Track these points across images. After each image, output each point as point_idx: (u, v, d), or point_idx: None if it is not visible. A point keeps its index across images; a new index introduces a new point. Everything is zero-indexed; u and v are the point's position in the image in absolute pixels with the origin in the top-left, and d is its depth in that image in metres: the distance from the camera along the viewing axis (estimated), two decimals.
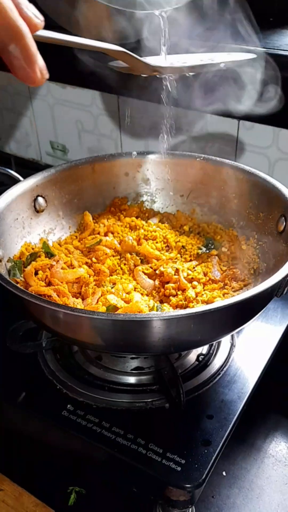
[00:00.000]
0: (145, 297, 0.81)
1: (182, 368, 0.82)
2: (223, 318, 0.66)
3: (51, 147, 1.43)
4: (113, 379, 0.80)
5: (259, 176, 0.87)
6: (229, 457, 0.87)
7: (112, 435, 0.71)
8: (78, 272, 0.82)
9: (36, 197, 0.90)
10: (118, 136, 1.26)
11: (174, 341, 0.65)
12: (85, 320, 0.64)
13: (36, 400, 0.77)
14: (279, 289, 0.70)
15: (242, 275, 0.85)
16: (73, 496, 0.81)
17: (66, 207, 0.96)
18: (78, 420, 0.73)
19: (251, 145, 1.04)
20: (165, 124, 0.91)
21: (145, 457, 0.68)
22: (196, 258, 0.89)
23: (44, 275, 0.81)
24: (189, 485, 0.65)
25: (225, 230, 0.93)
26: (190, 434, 0.71)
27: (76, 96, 1.28)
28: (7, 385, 0.80)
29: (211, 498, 0.82)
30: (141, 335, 0.64)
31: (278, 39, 1.00)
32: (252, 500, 0.81)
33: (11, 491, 0.82)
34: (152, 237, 0.91)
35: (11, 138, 1.54)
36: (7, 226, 0.84)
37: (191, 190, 0.98)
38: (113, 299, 0.76)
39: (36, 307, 0.66)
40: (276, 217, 0.82)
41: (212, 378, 0.80)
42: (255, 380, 0.79)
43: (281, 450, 0.89)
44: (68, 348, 0.86)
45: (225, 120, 1.05)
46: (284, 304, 0.93)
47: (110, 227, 0.93)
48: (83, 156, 0.99)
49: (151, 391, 0.78)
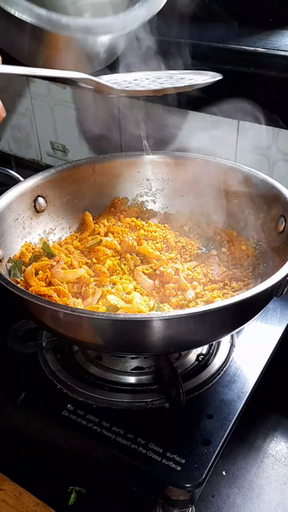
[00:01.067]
0: (145, 297, 0.81)
1: (182, 368, 0.82)
2: (222, 318, 0.66)
3: (51, 147, 1.44)
4: (113, 379, 0.80)
5: (259, 177, 0.87)
6: (229, 456, 0.87)
7: (112, 434, 0.71)
8: (78, 272, 0.82)
9: (37, 197, 0.90)
10: (118, 136, 1.26)
11: (174, 341, 0.65)
12: (85, 320, 0.64)
13: (36, 400, 0.77)
14: (279, 289, 0.70)
15: (241, 275, 0.85)
16: (73, 496, 0.81)
17: (67, 208, 0.96)
18: (78, 420, 0.73)
19: (251, 145, 1.04)
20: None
21: (145, 456, 0.68)
22: (196, 258, 0.89)
23: (44, 275, 0.81)
24: (189, 485, 0.65)
25: (225, 231, 0.93)
26: (190, 434, 0.71)
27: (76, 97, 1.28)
28: (7, 385, 0.80)
29: (211, 498, 0.82)
30: (141, 335, 0.65)
31: (278, 39, 1.00)
32: (252, 499, 0.81)
33: (11, 490, 0.82)
34: (152, 237, 0.91)
35: (12, 138, 1.54)
36: (8, 226, 0.84)
37: (191, 190, 0.98)
38: (113, 300, 0.76)
39: (36, 307, 0.66)
40: (276, 217, 0.83)
41: (212, 378, 0.80)
42: (255, 380, 0.80)
43: (281, 450, 0.89)
44: (69, 348, 0.86)
45: (225, 120, 1.05)
46: (283, 304, 0.94)
47: (110, 228, 0.93)
48: (83, 157, 0.99)
49: (151, 391, 0.78)
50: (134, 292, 0.81)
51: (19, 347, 0.83)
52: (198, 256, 0.89)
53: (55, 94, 1.32)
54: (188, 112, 1.10)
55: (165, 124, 1.14)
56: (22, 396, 0.78)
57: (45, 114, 1.39)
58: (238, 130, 1.05)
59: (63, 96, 1.31)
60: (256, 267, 0.86)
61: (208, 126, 1.08)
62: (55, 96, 1.33)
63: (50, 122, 1.39)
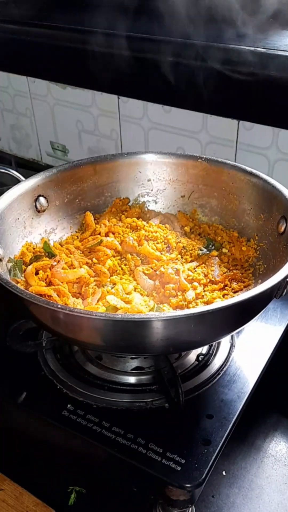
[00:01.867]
0: (145, 298, 0.81)
1: (182, 368, 0.82)
2: (222, 319, 0.66)
3: (51, 147, 1.44)
4: (113, 379, 0.81)
5: (260, 177, 0.87)
6: (229, 456, 0.87)
7: (112, 434, 0.71)
8: (78, 273, 0.82)
9: (38, 197, 0.90)
10: (118, 137, 1.26)
11: (173, 341, 0.65)
12: (85, 320, 0.64)
13: (36, 400, 0.77)
14: (279, 290, 0.70)
15: (242, 276, 0.85)
16: (73, 495, 0.81)
17: (68, 207, 0.96)
18: (78, 419, 0.73)
19: (251, 145, 1.04)
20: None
21: (145, 456, 0.68)
22: (197, 259, 0.89)
23: (44, 275, 0.81)
24: (189, 485, 0.65)
25: (226, 231, 0.93)
26: (190, 434, 0.71)
27: (76, 97, 1.28)
28: (7, 385, 0.80)
29: (211, 498, 0.82)
30: (140, 336, 0.65)
31: (278, 39, 1.00)
32: (251, 499, 0.81)
33: (11, 490, 0.82)
34: (153, 237, 0.91)
35: (12, 138, 1.54)
36: (8, 225, 0.84)
37: (192, 191, 0.98)
38: (112, 300, 0.76)
39: (36, 307, 0.66)
40: (277, 218, 0.83)
41: (212, 378, 0.80)
42: (255, 380, 0.80)
43: (281, 450, 0.89)
44: (68, 348, 0.86)
45: (225, 121, 1.05)
46: (283, 305, 0.94)
47: (111, 228, 0.93)
48: (83, 157, 0.99)
49: (151, 391, 0.78)
50: (134, 293, 0.81)
51: (19, 347, 0.83)
52: (199, 257, 0.89)
53: (55, 94, 1.33)
54: (188, 112, 1.10)
55: (165, 124, 1.14)
56: (22, 396, 0.78)
57: (45, 114, 1.39)
58: (238, 130, 1.05)
59: (63, 96, 1.31)
60: (257, 268, 0.86)
61: (208, 126, 1.08)
62: (55, 96, 1.33)
63: (50, 122, 1.39)
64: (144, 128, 1.19)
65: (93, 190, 0.98)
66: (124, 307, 0.75)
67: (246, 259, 0.88)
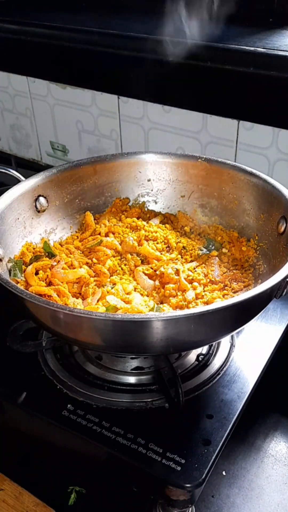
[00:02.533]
0: (145, 298, 0.81)
1: (182, 368, 0.82)
2: (222, 319, 0.66)
3: (51, 147, 1.44)
4: (113, 379, 0.81)
5: (260, 177, 0.87)
6: (229, 456, 0.87)
7: (112, 434, 0.71)
8: (78, 273, 0.82)
9: (38, 197, 0.90)
10: (118, 137, 1.26)
11: (173, 341, 0.65)
12: (85, 320, 0.64)
13: (36, 400, 0.77)
14: (279, 290, 0.70)
15: (242, 276, 0.85)
16: (73, 495, 0.81)
17: (68, 207, 0.96)
18: (78, 419, 0.73)
19: (251, 145, 1.04)
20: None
21: (145, 456, 0.68)
22: (197, 259, 0.89)
23: (44, 275, 0.81)
24: (189, 485, 0.65)
25: (226, 231, 0.93)
26: (190, 434, 0.71)
27: (76, 97, 1.28)
28: (7, 385, 0.80)
29: (211, 498, 0.82)
30: (140, 336, 0.65)
31: (278, 39, 1.00)
32: (252, 499, 0.81)
33: (11, 490, 0.82)
34: (153, 237, 0.91)
35: (12, 138, 1.54)
36: (8, 225, 0.84)
37: (192, 191, 0.98)
38: (112, 300, 0.76)
39: (36, 307, 0.66)
40: (277, 218, 0.82)
41: (212, 378, 0.80)
42: (255, 380, 0.80)
43: (281, 450, 0.89)
44: (68, 348, 0.86)
45: (225, 121, 1.05)
46: (283, 305, 0.94)
47: (111, 228, 0.93)
48: (83, 157, 0.99)
49: (151, 391, 0.78)
50: (134, 293, 0.81)
51: (19, 346, 0.83)
52: (199, 257, 0.89)
53: (55, 94, 1.33)
54: (188, 112, 1.10)
55: (165, 124, 1.14)
56: (22, 396, 0.78)
57: (45, 114, 1.39)
58: (238, 130, 1.05)
59: (63, 96, 1.31)
60: (257, 268, 0.86)
61: (208, 126, 1.09)
62: (55, 96, 1.33)
63: (50, 122, 1.39)
64: (144, 128, 1.19)
65: (93, 190, 0.98)
66: (124, 307, 0.75)
67: (246, 259, 0.88)
